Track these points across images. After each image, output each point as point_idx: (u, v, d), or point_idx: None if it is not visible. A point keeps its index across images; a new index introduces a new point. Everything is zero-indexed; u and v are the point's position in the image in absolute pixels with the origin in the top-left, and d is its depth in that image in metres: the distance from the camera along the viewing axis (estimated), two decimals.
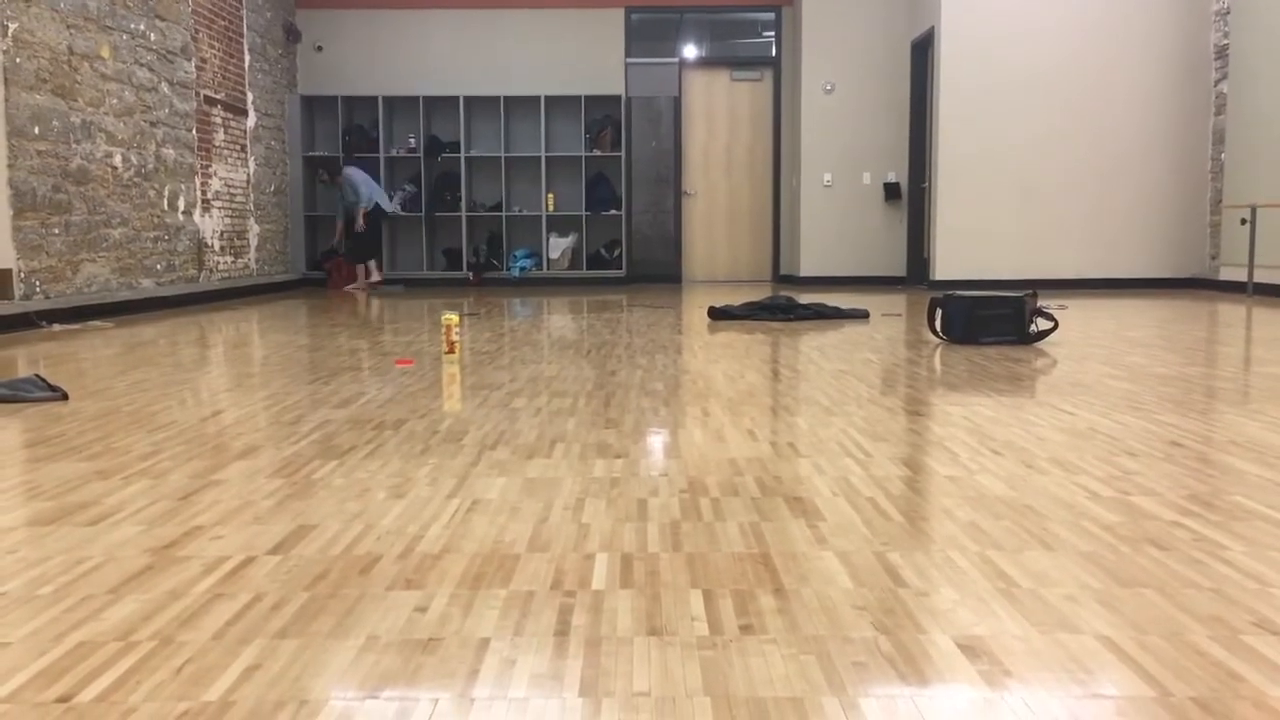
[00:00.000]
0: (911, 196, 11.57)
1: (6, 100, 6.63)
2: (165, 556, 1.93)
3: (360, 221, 11.05)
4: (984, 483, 2.45)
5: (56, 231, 7.20)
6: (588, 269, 12.31)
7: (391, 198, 12.19)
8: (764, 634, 1.54)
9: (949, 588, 1.74)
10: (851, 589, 1.74)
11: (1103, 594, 1.70)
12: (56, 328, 6.51)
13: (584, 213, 12.21)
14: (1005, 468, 2.60)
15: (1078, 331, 6.05)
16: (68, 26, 7.32)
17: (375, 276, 11.33)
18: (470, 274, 12.15)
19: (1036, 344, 5.38)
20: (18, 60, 6.73)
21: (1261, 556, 1.88)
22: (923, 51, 11.21)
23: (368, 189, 11.11)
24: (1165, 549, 1.93)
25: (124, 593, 1.74)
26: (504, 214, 12.21)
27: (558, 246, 12.30)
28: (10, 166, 6.67)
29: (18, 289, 6.74)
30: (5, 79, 6.62)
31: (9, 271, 6.64)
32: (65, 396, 3.75)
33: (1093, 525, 2.09)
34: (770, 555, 1.91)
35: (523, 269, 12.21)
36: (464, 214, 12.13)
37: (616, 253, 12.39)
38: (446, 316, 4.95)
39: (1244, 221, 9.01)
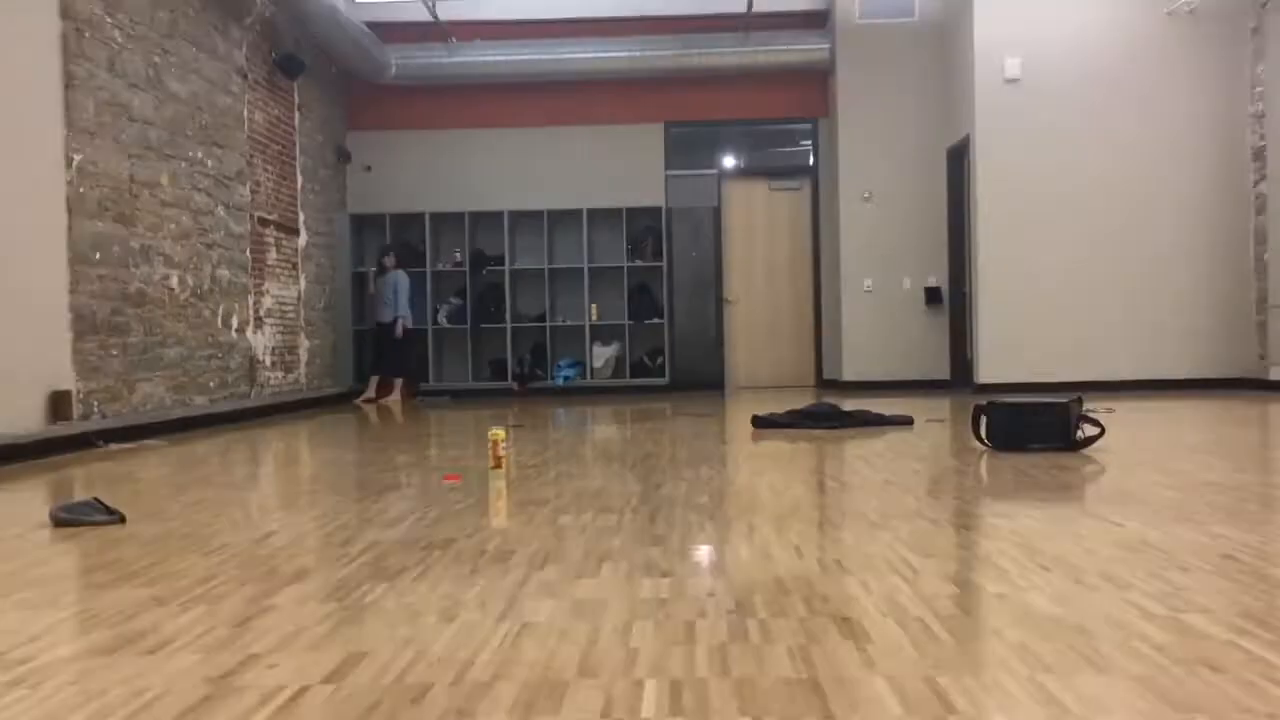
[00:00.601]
0: (953, 299, 11.62)
1: (70, 229, 6.89)
2: (223, 686, 1.96)
3: (400, 330, 11.38)
4: (1033, 601, 2.44)
5: (115, 353, 7.41)
6: (631, 377, 12.41)
7: (439, 310, 12.43)
8: None
9: (1000, 715, 1.73)
10: (901, 716, 1.73)
11: None
12: (113, 447, 6.66)
13: (627, 322, 12.36)
14: (1054, 584, 2.59)
15: (1125, 437, 6.01)
16: (129, 156, 7.63)
17: (395, 395, 11.59)
18: (515, 384, 12.28)
19: (1083, 450, 5.35)
20: (81, 190, 7.01)
21: None
22: (959, 158, 11.36)
23: (408, 300, 11.48)
24: (1219, 670, 1.91)
25: None
26: (548, 324, 12.39)
27: (601, 355, 12.42)
28: (72, 292, 6.91)
29: (76, 409, 6.92)
30: (69, 208, 6.89)
31: (69, 393, 6.82)
32: (123, 519, 3.83)
33: (1144, 645, 2.07)
34: (819, 680, 1.92)
35: (567, 378, 12.33)
36: (509, 325, 12.32)
37: (659, 360, 12.49)
38: (493, 432, 5.02)
39: None
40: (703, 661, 2.04)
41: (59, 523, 3.77)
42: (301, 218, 11.12)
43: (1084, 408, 5.63)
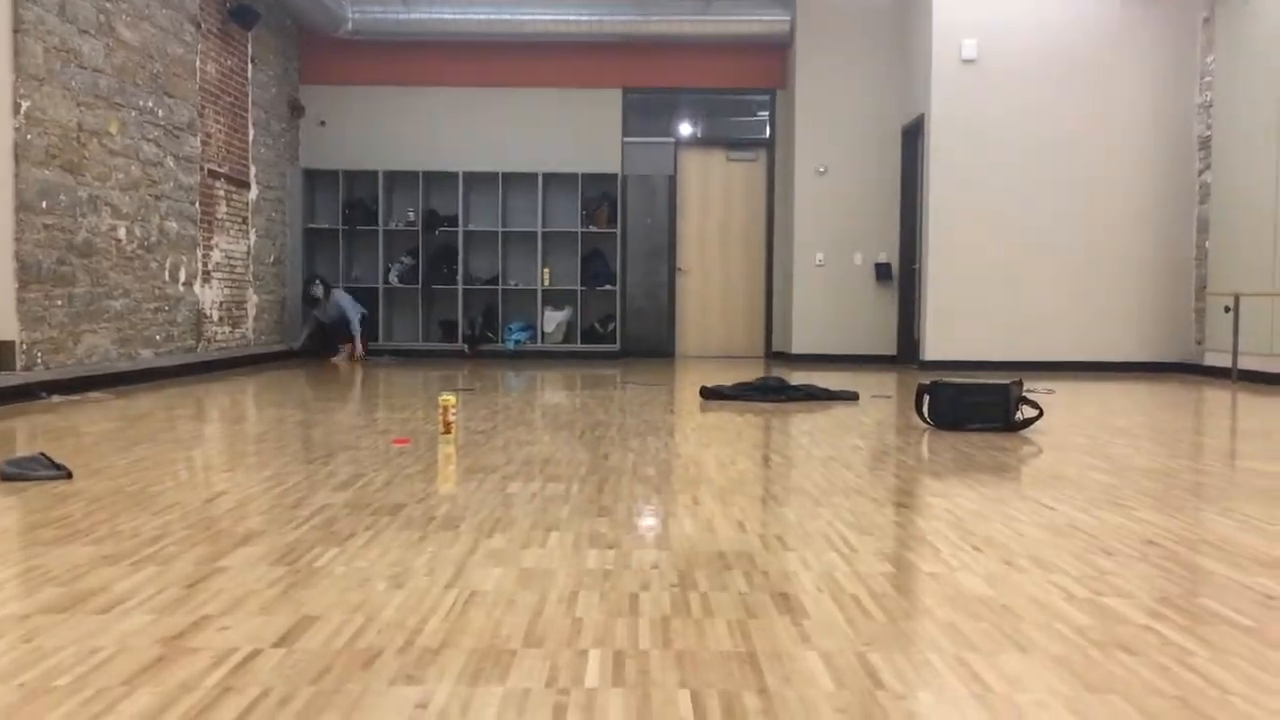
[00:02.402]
0: (902, 277, 11.76)
1: (16, 176, 6.78)
2: (175, 647, 2.00)
3: (361, 348, 11.64)
4: (964, 581, 2.54)
5: (60, 303, 7.31)
6: (582, 343, 12.45)
7: (389, 270, 12.37)
8: None
9: (926, 691, 1.82)
10: (833, 690, 1.82)
11: (1071, 700, 1.78)
12: (56, 399, 6.60)
13: (579, 287, 12.38)
14: (985, 565, 2.69)
15: (1063, 419, 6.17)
16: (78, 104, 7.51)
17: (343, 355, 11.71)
18: (465, 346, 12.28)
19: (1022, 432, 5.49)
20: (29, 137, 6.89)
21: (1225, 663, 1.97)
22: (913, 137, 11.47)
23: (354, 313, 11.67)
24: (1134, 654, 2.02)
25: (138, 684, 1.81)
26: (500, 287, 12.38)
27: (552, 320, 12.44)
28: (17, 240, 6.81)
29: (19, 360, 6.84)
30: (16, 155, 6.77)
31: (11, 343, 6.74)
32: (69, 475, 3.83)
33: (1066, 628, 2.18)
34: (756, 654, 2.00)
35: (517, 342, 12.34)
36: (460, 287, 12.29)
37: (610, 327, 12.54)
38: (444, 397, 5.05)
39: (1227, 309, 9.19)
40: (645, 633, 2.11)
41: (5, 477, 3.76)
42: (252, 171, 11.00)
43: (1024, 390, 5.77)
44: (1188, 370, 10.38)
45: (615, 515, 3.28)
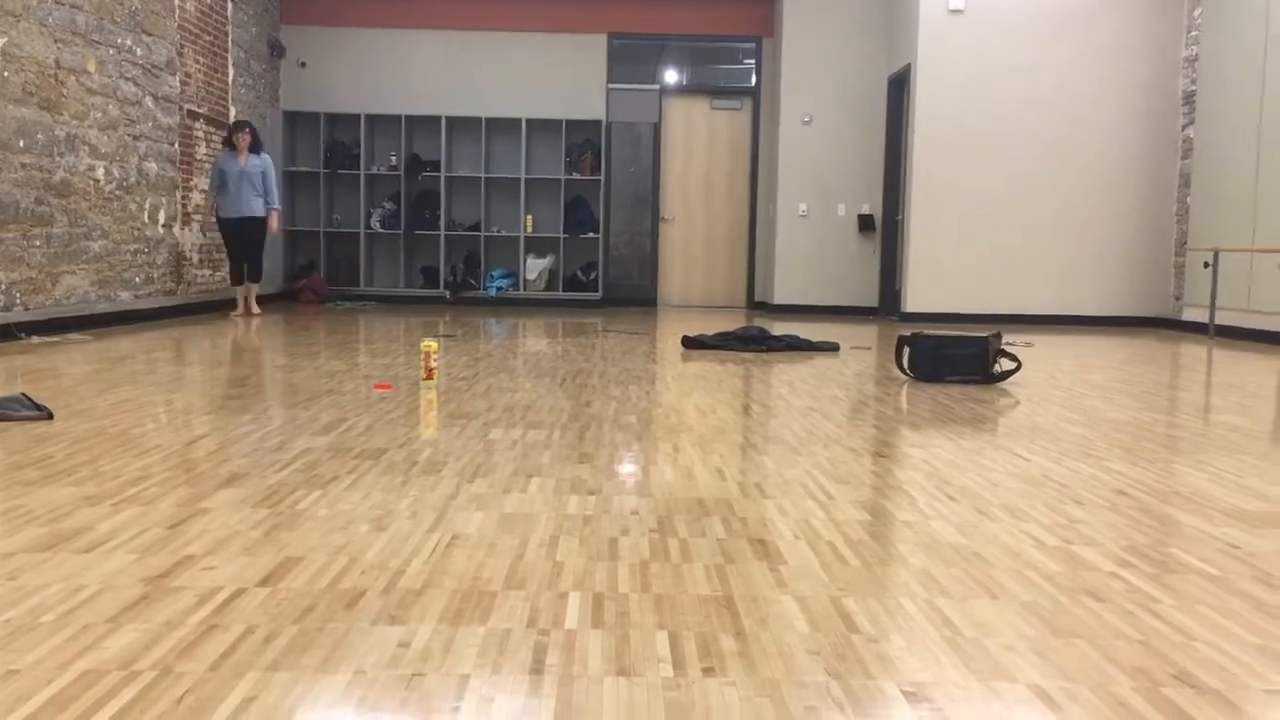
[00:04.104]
0: (885, 229, 11.77)
1: None
2: (159, 586, 2.03)
3: (277, 225, 9.52)
4: (938, 529, 2.58)
5: (38, 244, 7.26)
6: (564, 290, 12.44)
7: (371, 215, 12.30)
8: (724, 676, 1.66)
9: (898, 635, 1.86)
10: (808, 633, 1.86)
11: (1038, 643, 1.83)
12: (35, 340, 6.57)
13: (562, 235, 12.35)
14: (959, 514, 2.73)
15: (1041, 371, 6.22)
16: (55, 41, 7.40)
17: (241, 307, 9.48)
18: (447, 292, 12.25)
19: (1000, 384, 5.54)
20: (5, 74, 6.80)
21: (1189, 610, 2.02)
22: (899, 88, 11.43)
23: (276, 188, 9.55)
24: (1101, 600, 2.07)
25: (123, 621, 1.84)
26: (482, 234, 12.33)
27: (535, 267, 12.42)
28: None
29: None
30: None
31: None
32: (50, 416, 3.83)
33: (1035, 575, 2.22)
34: (733, 598, 2.04)
35: (499, 289, 12.32)
36: (443, 233, 12.24)
37: (593, 275, 12.52)
38: (426, 343, 5.06)
39: (1206, 265, 9.25)
40: (624, 577, 2.15)
41: None
42: (233, 112, 10.87)
43: (1002, 342, 5.81)
44: (1166, 325, 10.46)
45: (596, 462, 3.31)
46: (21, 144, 7.00)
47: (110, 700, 1.52)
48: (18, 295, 7.04)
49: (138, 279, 8.83)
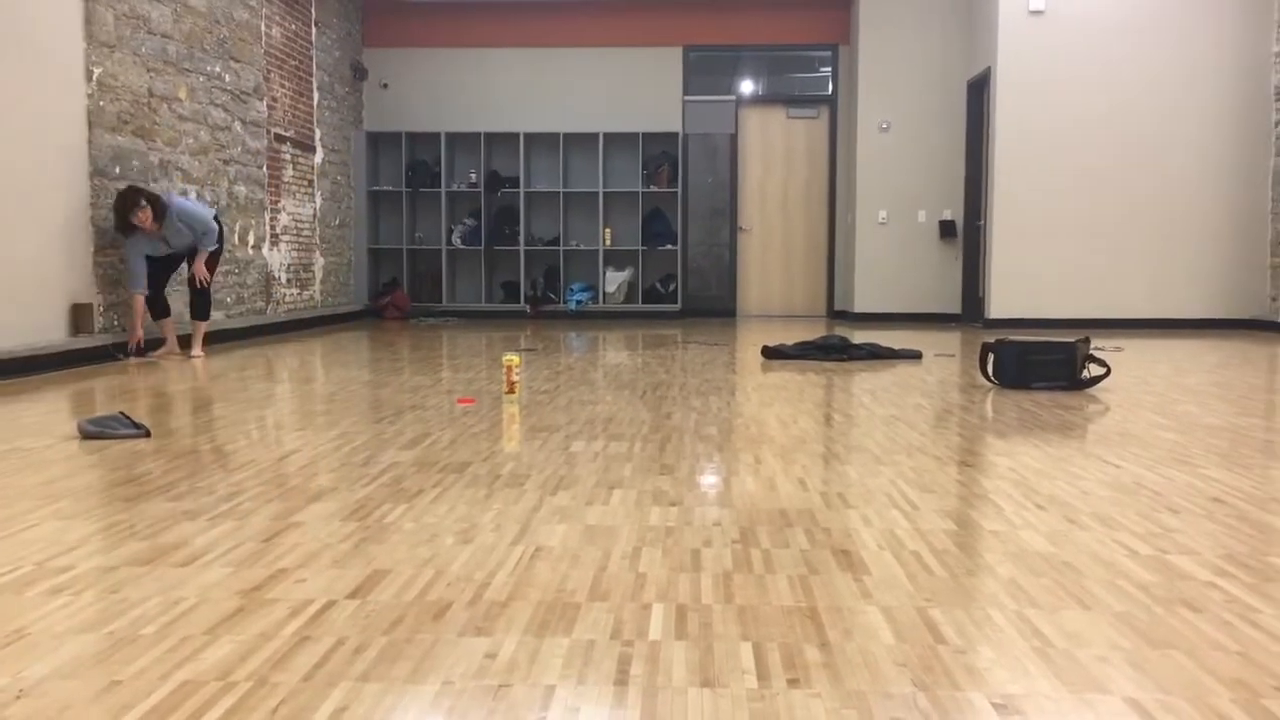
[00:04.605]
0: (967, 234, 11.61)
1: (90, 142, 6.93)
2: (254, 599, 2.08)
3: (204, 271, 7.38)
4: (1026, 538, 2.54)
5: None
6: (643, 303, 12.47)
7: (452, 231, 12.48)
8: (809, 687, 1.65)
9: (987, 646, 1.84)
10: (894, 644, 1.84)
11: (1133, 655, 1.79)
12: (133, 360, 6.77)
13: (640, 247, 12.39)
14: (1048, 523, 2.68)
15: (1131, 377, 6.08)
16: (148, 70, 7.64)
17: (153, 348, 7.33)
18: (527, 306, 12.36)
19: (1089, 390, 5.43)
20: (101, 104, 7.04)
21: None
22: (979, 91, 11.27)
23: (209, 215, 7.40)
24: (1197, 610, 2.01)
25: (219, 633, 1.89)
26: (561, 248, 12.43)
27: (614, 280, 12.47)
28: (93, 205, 6.97)
29: (97, 322, 7.02)
30: (89, 122, 6.92)
31: (90, 305, 6.92)
32: (148, 434, 3.95)
33: (1128, 584, 2.17)
34: (817, 609, 2.02)
35: (579, 302, 12.40)
36: (522, 248, 12.36)
37: (671, 287, 12.54)
38: (507, 358, 5.11)
39: None
40: (708, 588, 2.15)
41: (87, 435, 3.89)
42: (318, 134, 11.12)
43: (1091, 347, 5.69)
44: (1261, 327, 10.15)
45: (677, 473, 3.32)
46: (117, 170, 7.24)
47: (208, 710, 1.57)
48: (115, 317, 7.26)
49: (229, 299, 9.06)
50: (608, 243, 12.42)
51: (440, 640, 1.86)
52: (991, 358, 5.68)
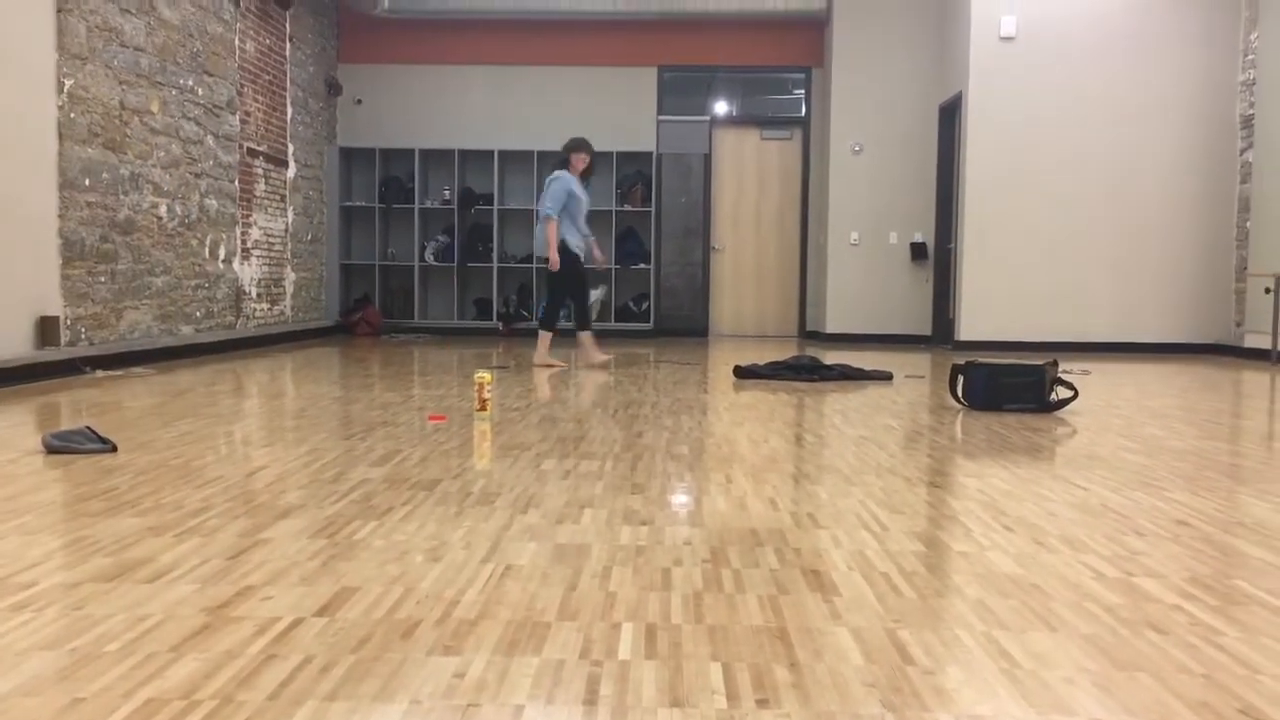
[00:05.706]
0: (937, 257, 11.70)
1: (60, 154, 6.88)
2: (220, 616, 2.06)
3: None
4: (994, 560, 2.55)
5: (103, 280, 7.43)
6: (616, 321, 12.48)
7: (425, 248, 12.45)
8: (778, 708, 1.65)
9: (955, 666, 1.85)
10: (863, 665, 1.85)
11: (1099, 677, 1.80)
12: (100, 374, 6.71)
13: (613, 266, 12.40)
14: (1016, 545, 2.70)
15: (1098, 400, 6.14)
16: (120, 83, 7.60)
17: None
18: (500, 324, 12.34)
19: (1057, 412, 5.47)
20: (72, 115, 6.99)
21: (1254, 643, 1.98)
22: (951, 115, 11.39)
23: None
24: (1163, 633, 2.03)
25: (185, 651, 1.87)
26: (534, 266, 12.41)
27: None
28: (61, 217, 6.91)
29: (64, 335, 6.96)
30: (60, 134, 6.87)
31: (56, 319, 6.85)
32: (115, 448, 3.91)
33: (1095, 606, 2.19)
34: (787, 629, 2.03)
35: None
36: (495, 265, 12.35)
37: (645, 306, 12.56)
38: (479, 374, 5.10)
39: (1268, 290, 9.08)
40: (678, 608, 2.15)
41: (52, 450, 3.84)
42: (291, 149, 11.08)
43: (1059, 370, 5.74)
44: (1226, 352, 10.27)
45: (648, 492, 3.32)
46: (87, 183, 7.19)
47: None
48: (83, 330, 7.20)
49: (198, 313, 9.00)
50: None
51: (409, 659, 1.85)
52: (961, 380, 5.72)
